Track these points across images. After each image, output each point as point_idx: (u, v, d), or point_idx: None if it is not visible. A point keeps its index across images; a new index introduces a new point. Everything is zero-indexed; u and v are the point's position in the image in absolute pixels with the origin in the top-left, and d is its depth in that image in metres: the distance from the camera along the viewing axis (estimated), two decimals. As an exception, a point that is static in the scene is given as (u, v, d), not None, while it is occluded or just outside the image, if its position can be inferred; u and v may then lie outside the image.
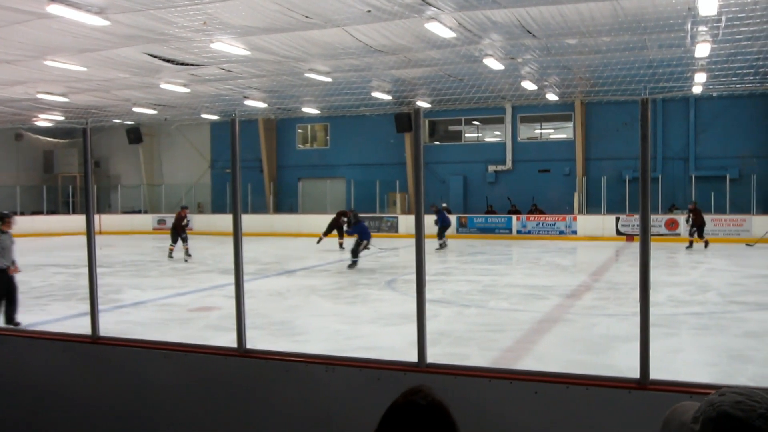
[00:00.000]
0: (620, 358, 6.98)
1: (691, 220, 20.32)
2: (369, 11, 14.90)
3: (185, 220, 19.45)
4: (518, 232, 26.19)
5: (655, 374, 3.18)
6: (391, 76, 22.54)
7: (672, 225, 23.61)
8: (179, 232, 19.05)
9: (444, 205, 27.47)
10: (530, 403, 3.30)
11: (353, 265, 16.40)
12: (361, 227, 17.15)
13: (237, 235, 4.03)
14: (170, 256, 19.01)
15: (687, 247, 20.04)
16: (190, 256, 18.87)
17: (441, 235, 21.64)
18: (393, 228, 27.16)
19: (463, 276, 15.33)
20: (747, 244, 19.63)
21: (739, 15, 14.63)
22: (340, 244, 21.43)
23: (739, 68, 19.50)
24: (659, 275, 13.78)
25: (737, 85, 22.13)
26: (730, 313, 10.21)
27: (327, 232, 21.58)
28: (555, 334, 8.86)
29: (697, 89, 23.89)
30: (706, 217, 23.53)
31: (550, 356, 7.54)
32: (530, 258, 19.46)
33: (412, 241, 3.74)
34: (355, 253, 16.62)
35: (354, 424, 3.55)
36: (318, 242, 21.16)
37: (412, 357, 3.57)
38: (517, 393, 3.34)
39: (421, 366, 3.54)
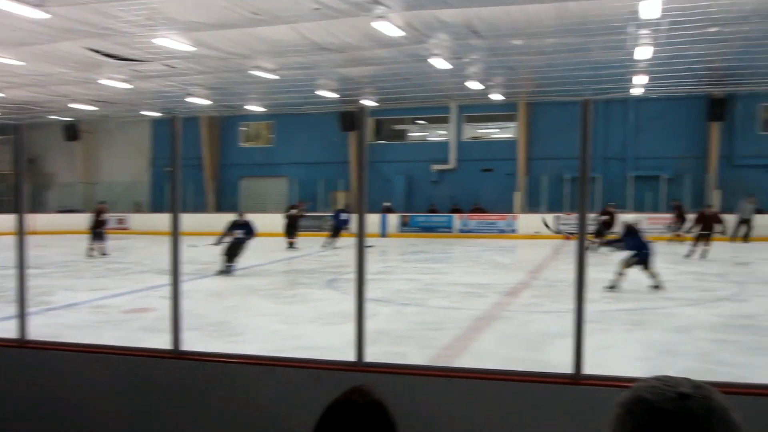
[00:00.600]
0: (556, 354, 7.11)
1: (599, 221, 19.72)
2: (317, 8, 14.86)
3: (103, 217, 19.11)
4: (460, 230, 26.46)
5: (588, 369, 3.26)
6: (337, 75, 22.51)
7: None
8: (97, 229, 18.70)
9: (387, 204, 27.60)
10: (467, 399, 3.34)
11: (229, 270, 14.71)
12: (251, 228, 15.34)
13: (175, 234, 3.97)
14: (89, 255, 18.62)
15: (589, 249, 19.90)
16: (105, 255, 18.54)
17: (335, 234, 21.96)
18: (335, 227, 27.10)
19: (403, 275, 15.41)
20: (590, 245, 19.73)
21: (678, 19, 15.07)
22: (291, 243, 21.30)
23: (678, 71, 20.10)
24: (595, 273, 14.06)
25: (676, 88, 22.86)
26: (661, 309, 10.52)
27: (290, 231, 21.57)
28: (493, 331, 8.97)
29: (637, 91, 24.54)
30: (642, 216, 24.19)
31: (487, 353, 7.65)
32: (471, 256, 19.68)
33: (354, 240, 3.75)
34: (232, 257, 14.82)
35: (292, 425, 3.52)
36: (291, 246, 21.15)
37: (351, 356, 3.57)
38: (454, 390, 3.38)
39: (360, 365, 3.55)
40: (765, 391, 3.11)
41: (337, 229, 22.19)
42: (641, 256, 12.20)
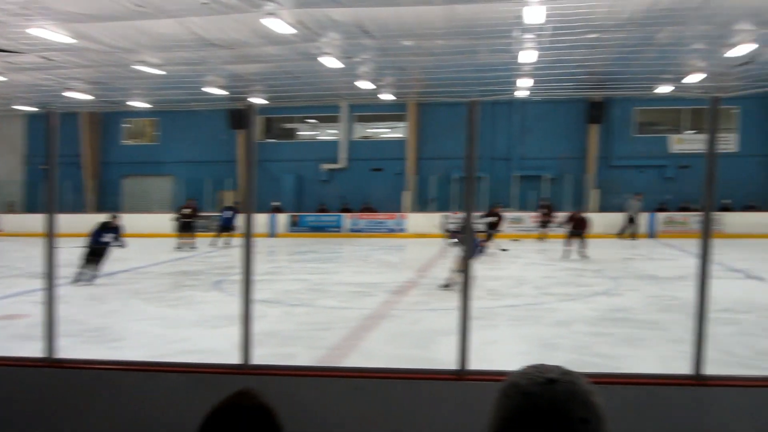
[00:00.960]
0: (442, 350, 7.25)
1: (488, 222, 19.50)
2: (205, 3, 14.50)
3: None
4: (350, 230, 26.53)
5: (473, 365, 3.32)
6: (226, 71, 22.04)
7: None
8: None
9: (276, 203, 27.33)
10: (355, 399, 3.33)
11: (89, 278, 13.10)
12: (120, 234, 13.76)
13: (51, 236, 3.76)
14: None
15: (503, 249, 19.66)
16: None
17: (221, 232, 21.84)
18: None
19: (292, 275, 15.32)
20: (501, 249, 19.34)
21: (560, 25, 15.70)
22: (187, 244, 20.74)
23: (560, 75, 20.98)
24: (481, 270, 14.46)
25: (558, 91, 23.86)
26: (542, 304, 10.95)
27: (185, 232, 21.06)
28: (381, 330, 9.04)
29: (522, 93, 25.39)
30: (525, 215, 25.12)
31: (376, 352, 7.71)
32: (360, 256, 19.77)
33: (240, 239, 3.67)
34: (93, 263, 13.20)
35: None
36: (189, 247, 20.71)
37: (238, 359, 3.50)
38: (342, 390, 3.36)
39: (246, 367, 3.48)
40: (636, 380, 3.28)
41: (224, 227, 21.84)
42: (474, 253, 12.58)
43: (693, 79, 21.79)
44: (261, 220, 25.19)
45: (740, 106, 26.45)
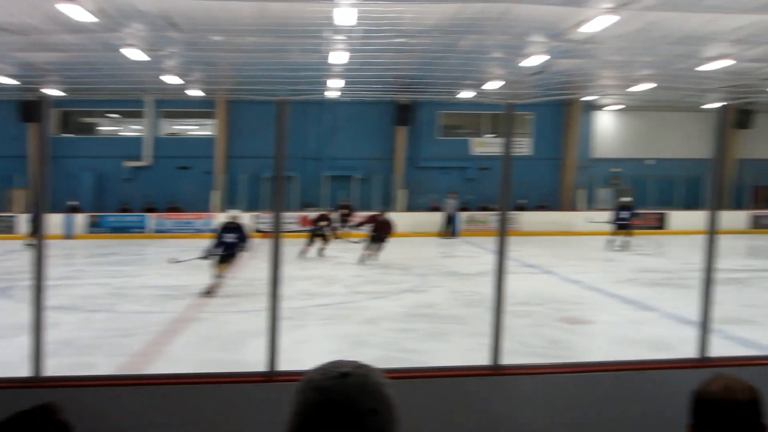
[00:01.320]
0: (252, 353, 7.17)
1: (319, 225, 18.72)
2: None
3: None
4: (155, 231, 25.45)
5: (283, 366, 3.29)
6: (16, 59, 20.25)
7: (305, 222, 24.92)
8: None
9: (73, 203, 25.62)
10: (160, 407, 3.19)
11: None
12: None
13: None
14: None
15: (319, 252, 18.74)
16: None
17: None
18: (10, 229, 24.36)
19: (92, 279, 14.44)
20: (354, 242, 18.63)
21: (370, 28, 16.02)
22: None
23: (369, 77, 21.46)
24: (293, 270, 14.48)
25: (367, 92, 24.40)
26: (353, 303, 11.17)
27: None
28: (188, 334, 8.78)
29: (332, 94, 25.68)
30: (335, 215, 25.44)
31: (183, 357, 7.47)
32: (166, 257, 19.00)
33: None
34: None
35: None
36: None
37: (28, 371, 3.21)
38: (146, 398, 3.21)
39: (37, 380, 3.21)
40: (439, 372, 3.42)
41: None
42: (235, 253, 12.19)
43: (492, 85, 23.23)
44: (56, 220, 23.50)
45: (534, 113, 28.61)
